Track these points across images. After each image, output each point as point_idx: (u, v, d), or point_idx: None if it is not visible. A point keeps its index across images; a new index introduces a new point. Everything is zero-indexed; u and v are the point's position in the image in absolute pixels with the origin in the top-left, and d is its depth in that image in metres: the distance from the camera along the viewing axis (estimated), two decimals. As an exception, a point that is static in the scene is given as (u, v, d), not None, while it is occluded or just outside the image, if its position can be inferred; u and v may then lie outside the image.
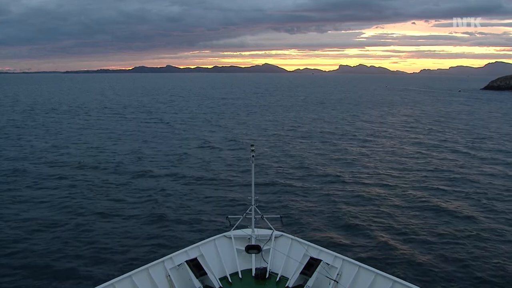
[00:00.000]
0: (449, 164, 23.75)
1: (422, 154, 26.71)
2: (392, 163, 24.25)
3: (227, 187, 19.00)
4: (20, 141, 30.49)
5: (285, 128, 38.44)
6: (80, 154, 26.05)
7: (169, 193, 18.06)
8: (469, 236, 13.40)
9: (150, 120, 44.73)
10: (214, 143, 30.15)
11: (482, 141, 31.76)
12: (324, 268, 7.59)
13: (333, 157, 25.61)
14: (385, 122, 43.74)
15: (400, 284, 6.79)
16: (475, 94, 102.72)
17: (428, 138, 33.33)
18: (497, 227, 14.20)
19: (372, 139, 32.73)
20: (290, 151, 27.48)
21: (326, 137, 33.38)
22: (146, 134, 34.52)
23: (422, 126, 40.46)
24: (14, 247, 12.37)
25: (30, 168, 22.09)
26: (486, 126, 40.92)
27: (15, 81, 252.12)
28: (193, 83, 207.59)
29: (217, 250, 8.36)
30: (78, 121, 43.01)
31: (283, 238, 8.69)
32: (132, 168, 22.46)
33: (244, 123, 41.68)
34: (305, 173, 21.78)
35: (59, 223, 14.33)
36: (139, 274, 7.36)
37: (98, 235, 13.35)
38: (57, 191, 18.00)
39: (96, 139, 31.53)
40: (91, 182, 19.54)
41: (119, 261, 11.53)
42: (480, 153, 26.98)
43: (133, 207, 16.14)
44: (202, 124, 41.02)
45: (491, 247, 12.61)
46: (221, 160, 24.87)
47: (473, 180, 20.19)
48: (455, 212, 15.54)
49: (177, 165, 23.42)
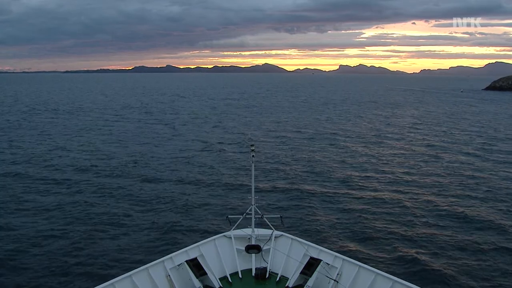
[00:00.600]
0: (462, 167, 23.08)
1: (430, 156, 26.12)
2: (399, 164, 24.01)
3: (227, 187, 19.04)
4: (13, 143, 29.92)
5: (288, 129, 38.00)
6: (79, 154, 26.02)
7: (169, 193, 18.12)
8: (489, 244, 12.78)
9: (150, 120, 44.72)
10: (214, 144, 30.22)
11: (493, 142, 31.01)
12: (324, 268, 7.61)
13: (336, 158, 25.48)
14: (391, 123, 43.04)
15: (400, 284, 6.80)
16: (478, 95, 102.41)
17: (437, 139, 32.54)
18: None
19: (376, 140, 32.48)
20: (293, 152, 27.35)
21: (330, 137, 33.08)
22: (146, 134, 34.58)
23: (429, 128, 39.40)
24: (14, 246, 12.42)
25: (25, 170, 22.04)
26: (495, 127, 40.09)
27: (14, 81, 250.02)
28: (193, 83, 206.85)
29: (217, 250, 8.38)
30: (76, 122, 42.70)
31: (283, 238, 8.71)
32: (132, 168, 22.51)
33: (246, 124, 41.53)
34: (306, 173, 21.81)
35: (59, 223, 14.42)
36: (139, 274, 7.39)
37: (98, 235, 13.40)
38: (55, 194, 18.02)
39: (95, 140, 31.53)
40: (91, 182, 19.60)
41: (119, 260, 11.60)
42: (493, 155, 26.29)
43: (133, 207, 16.20)
44: (202, 125, 41.06)
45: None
46: (221, 160, 24.93)
47: (488, 183, 19.59)
48: (471, 217, 14.90)
49: (177, 165, 23.46)
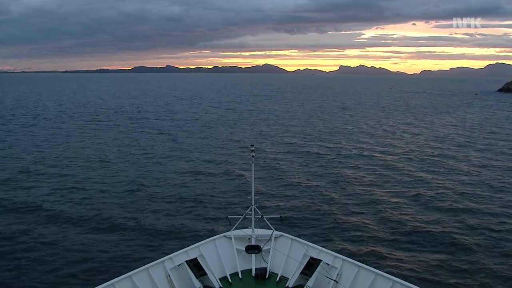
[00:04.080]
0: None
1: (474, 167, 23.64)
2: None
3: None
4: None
5: (309, 138, 33.75)
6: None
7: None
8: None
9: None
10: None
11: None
12: (324, 268, 7.68)
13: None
14: (419, 133, 37.69)
15: (400, 284, 6.85)
16: (495, 97, 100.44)
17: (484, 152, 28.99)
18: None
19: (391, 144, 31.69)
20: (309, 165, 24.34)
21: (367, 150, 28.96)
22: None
23: (468, 135, 36.04)
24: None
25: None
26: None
27: (10, 81, 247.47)
28: (193, 83, 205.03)
29: (217, 250, 8.50)
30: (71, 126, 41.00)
31: (283, 238, 8.79)
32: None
33: (252, 130, 40.62)
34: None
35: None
36: (139, 274, 7.50)
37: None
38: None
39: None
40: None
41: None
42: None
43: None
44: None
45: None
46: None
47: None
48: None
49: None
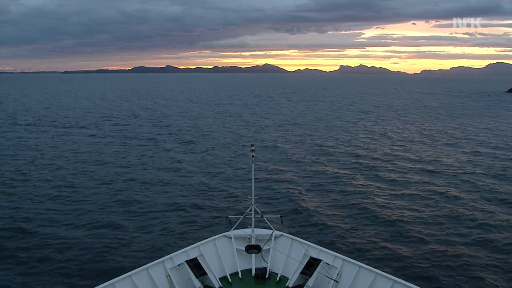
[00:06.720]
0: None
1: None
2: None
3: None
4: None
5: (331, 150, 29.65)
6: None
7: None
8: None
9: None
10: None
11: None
12: (324, 268, 7.73)
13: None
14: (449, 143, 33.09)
15: (400, 284, 6.89)
16: (509, 98, 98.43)
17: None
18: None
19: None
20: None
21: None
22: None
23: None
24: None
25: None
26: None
27: (7, 81, 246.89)
28: (194, 84, 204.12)
29: (217, 250, 8.60)
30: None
31: (283, 238, 8.85)
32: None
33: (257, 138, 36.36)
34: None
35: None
36: (139, 274, 7.61)
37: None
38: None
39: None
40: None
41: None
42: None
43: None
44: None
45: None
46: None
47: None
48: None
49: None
